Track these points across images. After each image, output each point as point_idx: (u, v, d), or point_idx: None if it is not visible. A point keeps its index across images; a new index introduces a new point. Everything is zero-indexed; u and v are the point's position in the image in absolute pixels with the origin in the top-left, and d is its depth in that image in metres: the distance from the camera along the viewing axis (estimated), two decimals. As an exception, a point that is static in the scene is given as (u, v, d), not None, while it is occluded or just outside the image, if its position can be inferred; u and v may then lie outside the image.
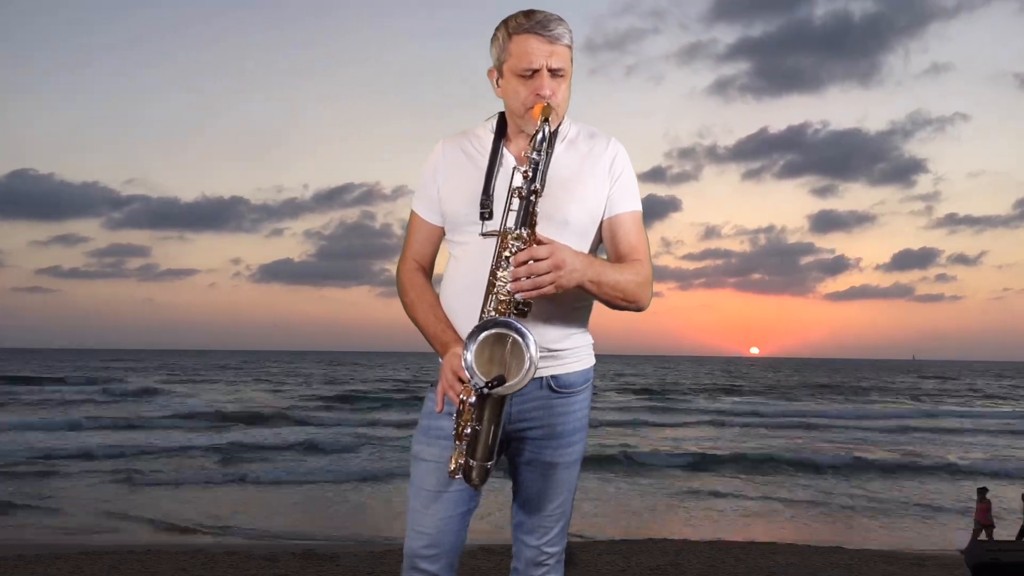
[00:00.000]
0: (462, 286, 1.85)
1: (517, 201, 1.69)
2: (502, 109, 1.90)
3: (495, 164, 1.85)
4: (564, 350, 1.87)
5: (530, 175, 1.68)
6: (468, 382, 1.65)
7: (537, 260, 1.62)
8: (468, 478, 1.74)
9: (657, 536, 8.95)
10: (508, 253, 1.67)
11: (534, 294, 1.63)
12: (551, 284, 1.63)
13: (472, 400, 1.67)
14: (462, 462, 1.73)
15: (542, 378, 1.85)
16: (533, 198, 1.68)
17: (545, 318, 1.80)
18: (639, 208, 1.90)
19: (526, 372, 1.59)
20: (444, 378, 1.75)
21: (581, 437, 1.95)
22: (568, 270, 1.64)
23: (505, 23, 1.81)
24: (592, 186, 1.86)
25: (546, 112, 1.72)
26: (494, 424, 1.69)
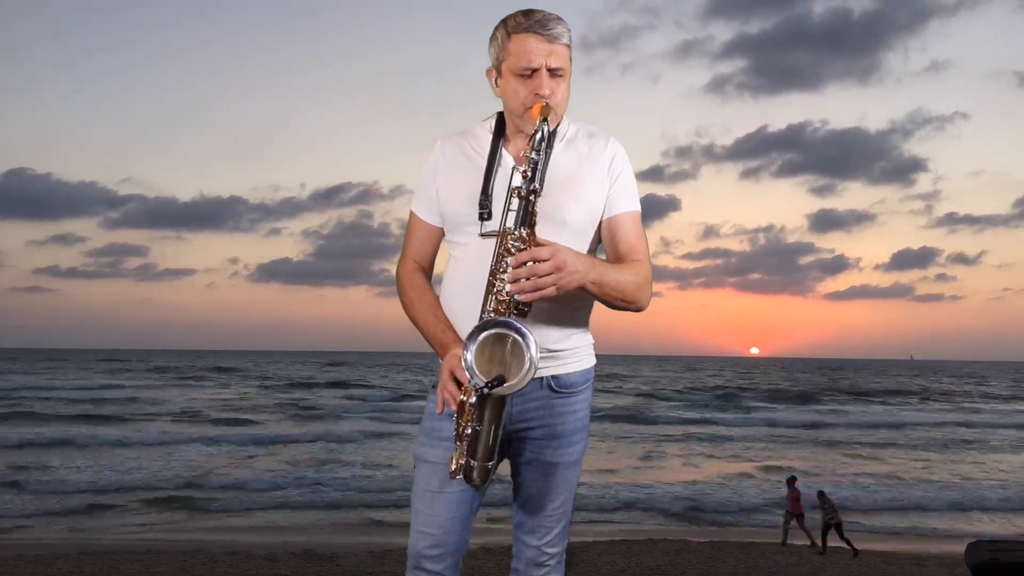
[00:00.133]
0: (462, 286, 1.85)
1: (516, 201, 1.68)
2: (501, 109, 1.89)
3: (494, 164, 1.84)
4: (565, 350, 1.87)
5: (529, 175, 1.67)
6: (466, 383, 1.65)
7: (538, 261, 1.61)
8: (469, 478, 1.73)
9: (657, 536, 8.95)
10: (508, 253, 1.66)
11: (535, 295, 1.62)
12: (552, 285, 1.62)
13: (472, 400, 1.66)
14: (463, 463, 1.72)
15: (543, 378, 1.85)
16: (532, 198, 1.67)
17: (546, 318, 1.80)
18: (638, 208, 1.90)
19: (526, 372, 1.58)
20: (441, 380, 1.75)
21: (582, 437, 1.94)
22: (569, 271, 1.63)
23: (504, 22, 1.80)
24: (591, 186, 1.85)
25: (545, 112, 1.71)
26: (495, 424, 1.68)
